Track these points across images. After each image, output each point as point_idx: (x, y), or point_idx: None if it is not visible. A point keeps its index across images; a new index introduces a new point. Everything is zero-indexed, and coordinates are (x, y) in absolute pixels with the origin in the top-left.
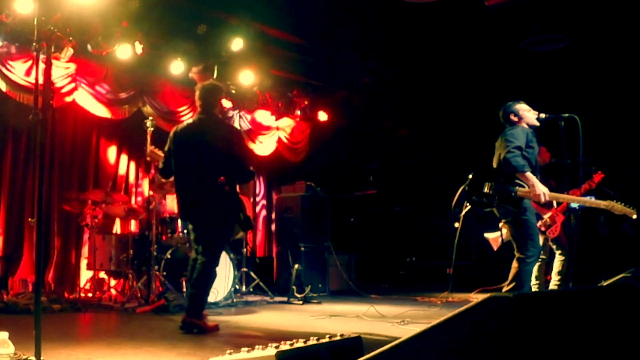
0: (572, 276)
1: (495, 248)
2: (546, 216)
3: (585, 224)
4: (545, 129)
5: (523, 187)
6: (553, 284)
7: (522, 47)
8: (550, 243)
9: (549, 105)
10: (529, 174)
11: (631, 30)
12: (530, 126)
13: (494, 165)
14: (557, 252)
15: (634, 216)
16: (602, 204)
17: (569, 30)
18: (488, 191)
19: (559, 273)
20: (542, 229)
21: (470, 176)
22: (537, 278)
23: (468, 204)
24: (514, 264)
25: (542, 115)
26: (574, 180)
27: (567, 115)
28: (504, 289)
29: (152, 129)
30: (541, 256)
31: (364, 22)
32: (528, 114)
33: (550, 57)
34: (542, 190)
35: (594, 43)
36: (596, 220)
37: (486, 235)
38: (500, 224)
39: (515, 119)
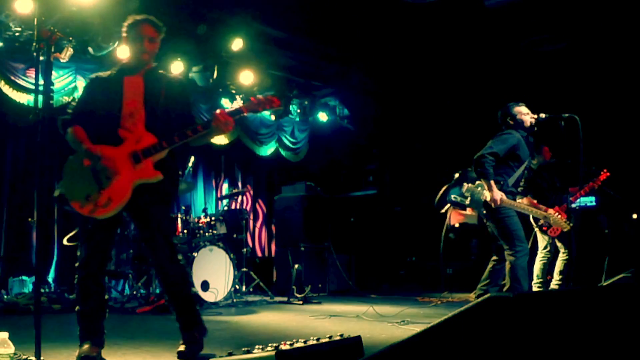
0: (572, 276)
1: (453, 222)
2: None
3: (585, 224)
4: (545, 129)
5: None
6: (554, 284)
7: (522, 47)
8: (557, 241)
9: (549, 105)
10: (491, 182)
11: (631, 30)
12: (525, 129)
13: None
14: (562, 251)
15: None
16: (542, 214)
17: (569, 30)
18: (464, 191)
19: (561, 272)
20: (544, 228)
21: (457, 175)
22: (538, 277)
23: (448, 203)
24: (490, 264)
25: (542, 115)
26: (574, 180)
27: (567, 115)
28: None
29: None
30: (547, 255)
31: (364, 22)
32: (525, 117)
33: (550, 57)
34: (497, 196)
35: (594, 43)
36: (596, 220)
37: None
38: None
39: (512, 122)
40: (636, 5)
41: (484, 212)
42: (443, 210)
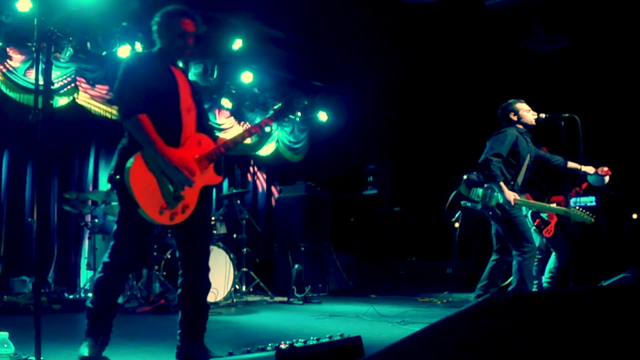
0: (572, 276)
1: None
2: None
3: (585, 224)
4: (545, 129)
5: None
6: (544, 282)
7: (522, 47)
8: (548, 242)
9: (549, 105)
10: (501, 183)
11: (631, 30)
12: (527, 126)
13: None
14: (552, 252)
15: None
16: (563, 210)
17: (569, 30)
18: (473, 196)
19: (550, 271)
20: (536, 224)
21: (465, 177)
22: (534, 278)
23: (459, 210)
24: (489, 264)
25: (542, 115)
26: (573, 180)
27: (567, 115)
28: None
29: None
30: (537, 255)
31: (364, 22)
32: (527, 114)
33: (550, 57)
34: (510, 197)
35: (594, 43)
36: (596, 220)
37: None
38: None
39: (515, 117)
40: (636, 5)
41: (499, 213)
42: (454, 219)
